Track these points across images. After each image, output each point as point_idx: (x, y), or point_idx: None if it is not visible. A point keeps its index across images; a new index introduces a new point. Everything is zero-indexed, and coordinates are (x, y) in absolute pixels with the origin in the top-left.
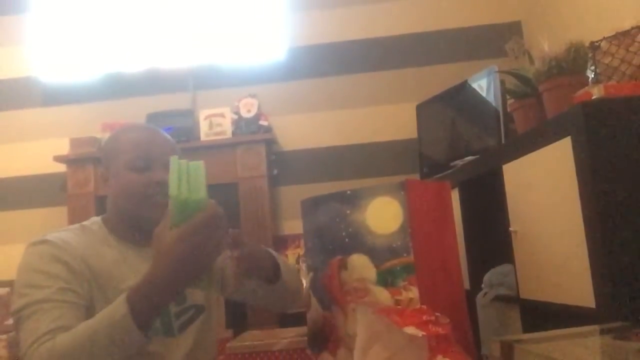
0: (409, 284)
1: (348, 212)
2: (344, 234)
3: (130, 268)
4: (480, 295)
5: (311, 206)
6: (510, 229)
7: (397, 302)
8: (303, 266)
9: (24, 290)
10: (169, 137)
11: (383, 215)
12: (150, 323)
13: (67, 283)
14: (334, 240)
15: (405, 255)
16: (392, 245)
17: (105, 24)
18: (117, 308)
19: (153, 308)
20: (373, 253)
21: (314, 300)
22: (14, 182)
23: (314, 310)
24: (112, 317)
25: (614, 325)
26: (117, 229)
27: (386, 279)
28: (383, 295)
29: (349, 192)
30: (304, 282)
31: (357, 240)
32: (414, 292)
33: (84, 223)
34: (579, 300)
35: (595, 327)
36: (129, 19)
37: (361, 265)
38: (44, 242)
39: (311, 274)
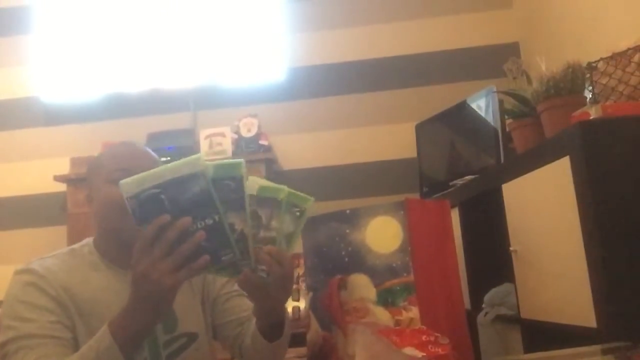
0: (409, 303)
1: (347, 231)
2: (343, 253)
3: (117, 294)
4: (481, 315)
5: (310, 225)
6: (511, 248)
7: (398, 322)
8: (302, 285)
9: (9, 323)
10: (149, 151)
11: (383, 234)
12: (136, 350)
13: (52, 315)
14: (334, 259)
15: (405, 274)
16: (392, 265)
17: (106, 44)
18: (101, 339)
19: (136, 336)
20: (373, 272)
21: (313, 321)
22: (14, 201)
23: (314, 331)
24: (98, 350)
25: (616, 345)
26: (106, 251)
27: (386, 299)
28: (383, 315)
29: (348, 211)
30: (304, 303)
31: (356, 260)
32: (414, 312)
33: (74, 246)
34: (580, 319)
35: (597, 347)
36: (130, 40)
37: (361, 285)
38: (27, 271)
39: (311, 293)
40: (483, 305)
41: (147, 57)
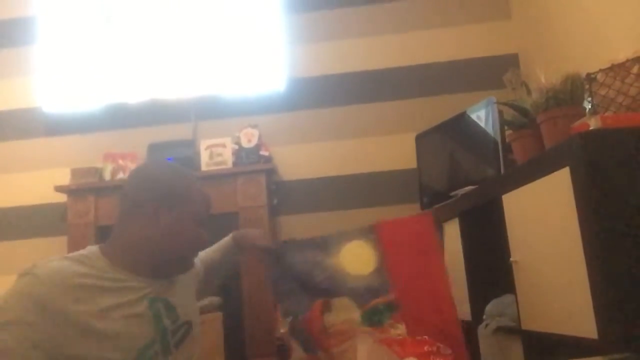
0: (395, 321)
1: (321, 258)
2: (321, 278)
3: (125, 297)
4: (481, 326)
5: (284, 252)
6: (511, 259)
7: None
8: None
9: None
10: None
11: (357, 258)
12: None
13: (33, 337)
14: (313, 284)
15: (386, 293)
16: (372, 286)
17: (107, 55)
18: None
19: None
20: (355, 294)
21: (295, 346)
22: (15, 211)
23: (297, 357)
24: None
25: (617, 357)
26: (124, 261)
27: (372, 319)
28: (371, 335)
29: (320, 238)
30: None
31: (337, 283)
32: (401, 329)
33: (83, 252)
34: (580, 331)
35: (598, 359)
36: (131, 51)
37: (345, 307)
38: (29, 274)
39: (290, 318)
40: (484, 317)
41: (148, 67)
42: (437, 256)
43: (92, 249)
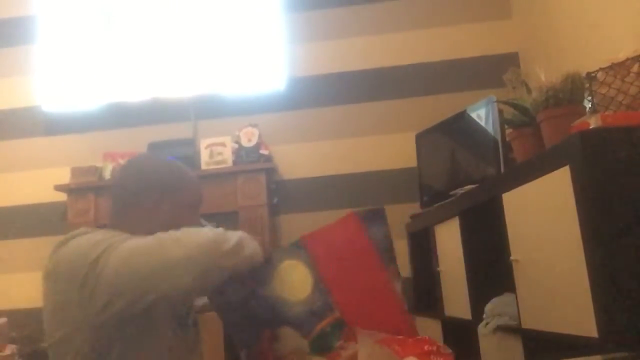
0: (344, 340)
1: (257, 287)
2: (259, 310)
3: None
4: (481, 325)
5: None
6: (511, 258)
7: None
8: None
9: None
10: None
11: (292, 283)
12: None
13: None
14: (256, 315)
15: (329, 313)
16: (313, 309)
17: (107, 54)
18: None
19: None
20: (298, 322)
21: None
22: (14, 211)
23: None
24: None
25: (617, 356)
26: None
27: (321, 345)
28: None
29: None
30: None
31: (277, 314)
32: (352, 346)
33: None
34: (581, 330)
35: (598, 358)
36: (130, 50)
37: (292, 336)
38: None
39: (244, 350)
40: (484, 315)
41: (148, 66)
42: (371, 255)
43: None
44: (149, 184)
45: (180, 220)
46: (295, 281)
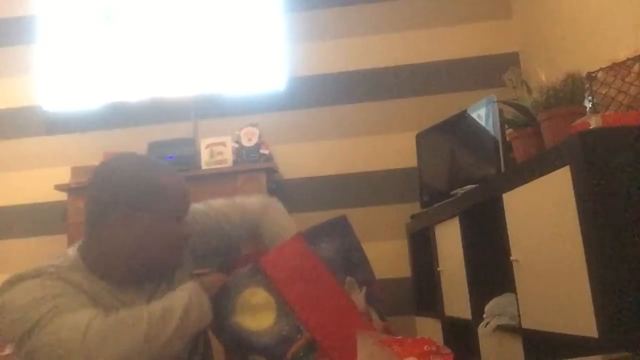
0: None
1: (221, 319)
2: (228, 343)
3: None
4: (482, 325)
5: None
6: (511, 258)
7: None
8: None
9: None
10: None
11: (254, 310)
12: None
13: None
14: (226, 349)
15: (299, 336)
16: (282, 335)
17: (107, 53)
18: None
19: None
20: (269, 352)
21: None
22: (15, 210)
23: None
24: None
25: (617, 356)
26: (101, 266)
27: None
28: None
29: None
30: None
31: (248, 345)
32: None
33: (58, 265)
34: (581, 330)
35: (598, 358)
36: (131, 49)
37: None
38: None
39: None
40: (484, 315)
41: (148, 66)
42: (323, 273)
43: (70, 256)
44: (118, 195)
45: (160, 233)
46: (257, 310)
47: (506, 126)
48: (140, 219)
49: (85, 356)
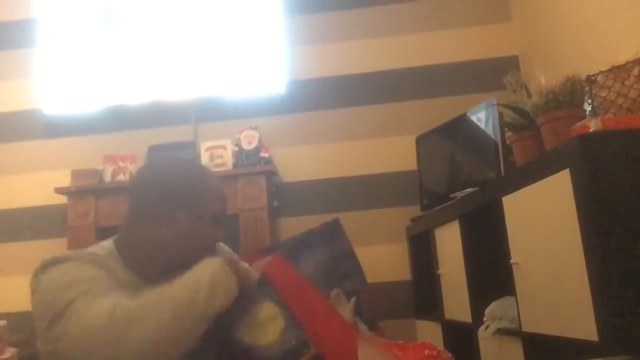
0: None
1: (226, 330)
2: (232, 353)
3: None
4: (482, 328)
5: None
6: (511, 261)
7: None
8: None
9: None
10: None
11: (261, 324)
12: None
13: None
14: (235, 356)
15: (305, 351)
16: (288, 347)
17: (107, 57)
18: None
19: None
20: None
21: None
22: (15, 213)
23: None
24: None
25: (618, 359)
26: (136, 260)
27: None
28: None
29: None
30: None
31: (251, 357)
32: None
33: (95, 252)
34: (581, 333)
35: None
36: (131, 52)
37: None
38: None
39: None
40: (484, 319)
41: (149, 69)
42: (309, 288)
43: (108, 246)
44: (163, 194)
45: (198, 232)
46: (265, 324)
47: (506, 129)
48: (180, 217)
49: (110, 341)
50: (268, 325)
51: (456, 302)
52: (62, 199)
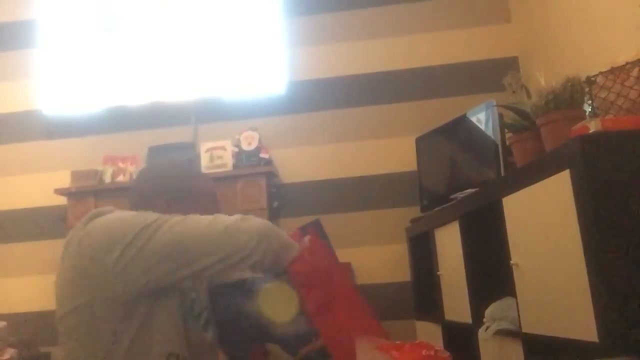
0: None
1: (244, 303)
2: (246, 325)
3: None
4: (482, 329)
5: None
6: (511, 262)
7: None
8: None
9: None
10: None
11: (277, 302)
12: None
13: None
14: (245, 330)
15: (315, 339)
16: (298, 332)
17: (107, 58)
18: None
19: None
20: (284, 342)
21: None
22: (15, 214)
23: None
24: None
25: None
26: None
27: None
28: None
29: (240, 282)
30: None
31: (263, 331)
32: None
33: None
34: (581, 333)
35: None
36: (131, 53)
37: (281, 354)
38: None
39: None
40: (484, 320)
41: (149, 70)
42: (335, 263)
43: None
44: (156, 190)
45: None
46: (280, 303)
47: (506, 130)
48: (176, 211)
49: (231, 235)
50: (284, 306)
51: (456, 303)
52: (62, 200)
